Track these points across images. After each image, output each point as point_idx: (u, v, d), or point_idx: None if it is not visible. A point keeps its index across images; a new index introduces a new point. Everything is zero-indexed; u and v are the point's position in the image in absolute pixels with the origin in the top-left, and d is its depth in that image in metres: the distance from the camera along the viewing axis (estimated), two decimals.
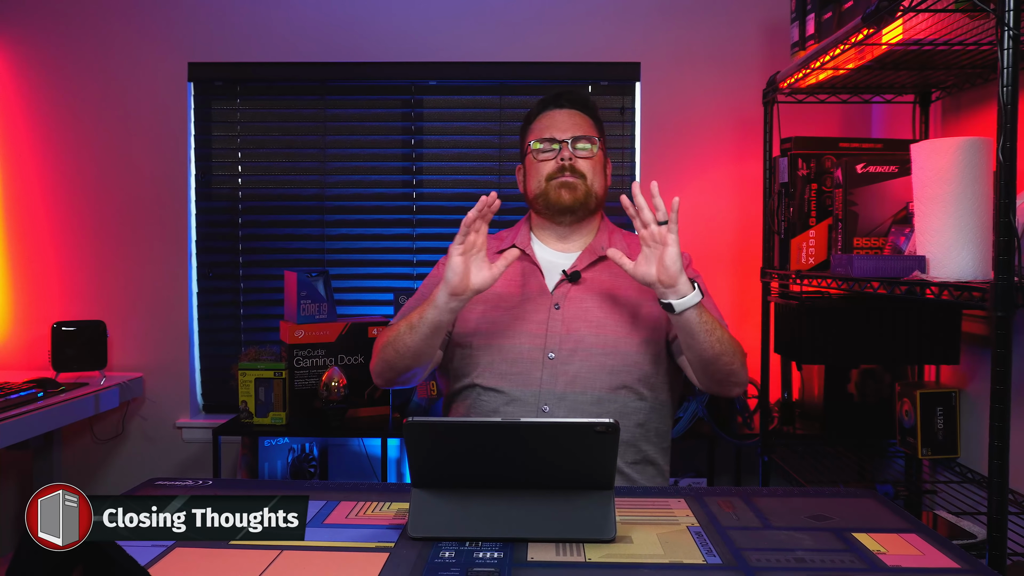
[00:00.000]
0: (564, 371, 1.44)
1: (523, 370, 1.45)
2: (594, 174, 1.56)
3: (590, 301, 1.50)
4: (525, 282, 1.54)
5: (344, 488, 1.26)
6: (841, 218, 1.80)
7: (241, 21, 2.70)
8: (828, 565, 0.95)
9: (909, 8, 1.44)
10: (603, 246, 1.54)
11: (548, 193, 1.53)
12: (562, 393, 1.43)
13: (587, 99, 1.61)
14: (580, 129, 1.55)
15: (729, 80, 2.64)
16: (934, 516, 1.68)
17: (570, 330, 1.47)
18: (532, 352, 1.46)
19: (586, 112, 1.59)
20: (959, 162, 1.35)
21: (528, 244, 1.58)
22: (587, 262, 1.55)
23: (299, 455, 2.58)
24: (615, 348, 1.46)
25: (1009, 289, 1.18)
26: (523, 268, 1.56)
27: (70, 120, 2.74)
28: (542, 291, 1.52)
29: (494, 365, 1.47)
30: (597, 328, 1.47)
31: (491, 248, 1.59)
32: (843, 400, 2.16)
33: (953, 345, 1.93)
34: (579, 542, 1.01)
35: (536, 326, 1.48)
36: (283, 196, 2.81)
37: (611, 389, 1.45)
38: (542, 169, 1.54)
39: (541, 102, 1.61)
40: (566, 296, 1.51)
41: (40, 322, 2.69)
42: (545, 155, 1.54)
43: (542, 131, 1.56)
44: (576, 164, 1.53)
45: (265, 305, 2.82)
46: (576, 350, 1.45)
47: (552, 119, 1.57)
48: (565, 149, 1.52)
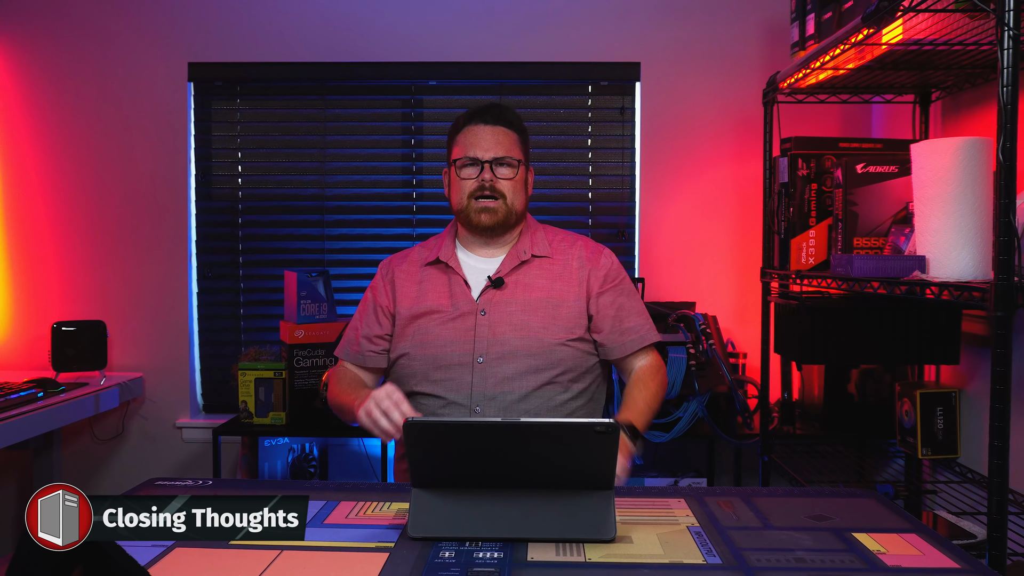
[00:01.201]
0: (493, 374, 1.52)
1: (455, 375, 1.53)
2: (514, 193, 1.60)
3: (514, 305, 1.57)
4: (452, 292, 1.61)
5: (344, 488, 1.26)
6: (841, 218, 1.80)
7: (241, 21, 2.70)
8: (828, 565, 0.95)
9: (909, 8, 1.44)
10: (525, 250, 1.62)
11: (469, 214, 1.59)
12: (492, 394, 1.51)
13: (512, 116, 1.66)
14: (503, 148, 1.60)
15: (729, 80, 2.64)
16: (934, 516, 1.68)
17: (496, 334, 1.54)
18: (463, 358, 1.54)
19: (511, 128, 1.63)
20: (959, 162, 1.35)
21: (453, 254, 1.64)
22: (510, 267, 1.61)
23: (299, 455, 2.58)
24: (539, 348, 1.53)
25: (1009, 289, 1.18)
26: (449, 279, 1.62)
27: (70, 120, 2.74)
28: (468, 300, 1.59)
29: (429, 373, 1.55)
30: (521, 331, 1.54)
31: (419, 259, 1.69)
32: (843, 400, 2.16)
33: (953, 345, 1.93)
34: (579, 542, 1.01)
35: (464, 333, 1.55)
36: (283, 196, 2.81)
37: (537, 386, 1.52)
38: (464, 187, 1.59)
39: (467, 115, 1.66)
40: (491, 302, 1.58)
41: (40, 322, 2.69)
42: (467, 172, 1.59)
43: (466, 147, 1.61)
44: (496, 185, 1.58)
45: (265, 305, 2.82)
46: (503, 354, 1.53)
47: (476, 135, 1.61)
48: (487, 170, 1.58)
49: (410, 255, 1.72)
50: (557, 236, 1.69)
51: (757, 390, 2.26)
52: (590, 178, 2.76)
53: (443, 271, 1.64)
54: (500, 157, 1.59)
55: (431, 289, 1.62)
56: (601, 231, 2.75)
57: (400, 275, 1.67)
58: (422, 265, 1.67)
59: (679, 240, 2.67)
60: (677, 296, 2.65)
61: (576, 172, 2.76)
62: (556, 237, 1.69)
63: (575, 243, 1.67)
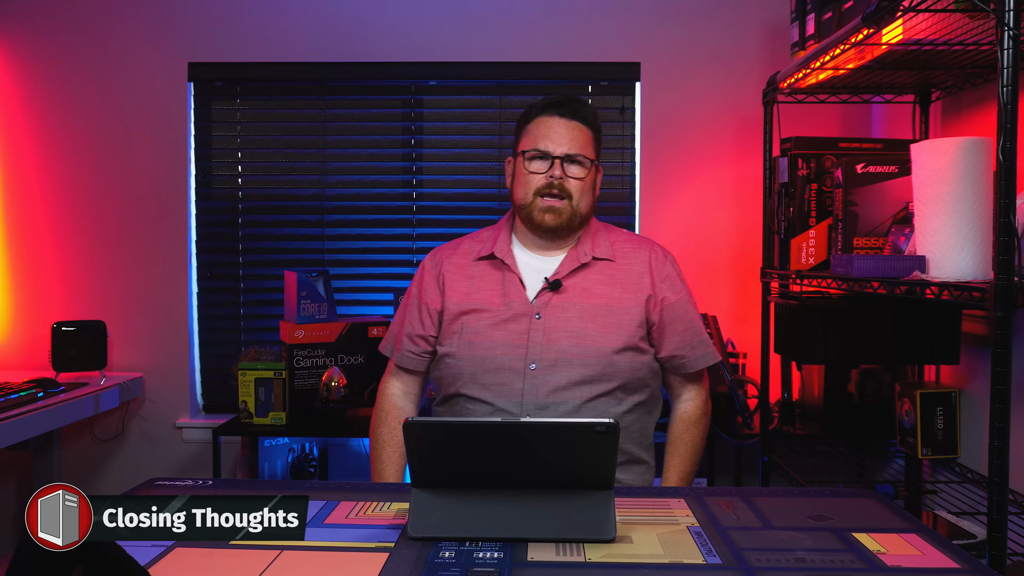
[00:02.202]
0: (545, 381, 1.45)
1: (505, 381, 1.46)
2: (581, 194, 1.52)
3: (571, 310, 1.49)
4: (505, 291, 1.52)
5: (344, 488, 1.26)
6: (841, 218, 1.80)
7: (241, 21, 2.70)
8: (828, 565, 0.95)
9: (909, 8, 1.44)
10: (586, 251, 1.54)
11: (532, 212, 1.52)
12: (544, 403, 1.44)
13: (589, 113, 1.56)
14: (576, 145, 1.51)
15: (729, 80, 2.64)
16: (934, 516, 1.68)
17: (550, 340, 1.47)
18: (514, 363, 1.46)
19: (586, 125, 1.54)
20: (959, 162, 1.35)
21: (508, 250, 1.56)
22: (569, 269, 1.53)
23: (299, 455, 2.58)
24: (596, 358, 1.46)
25: (1009, 289, 1.18)
26: (503, 276, 1.54)
27: (70, 120, 2.74)
28: (523, 301, 1.51)
29: (477, 376, 1.48)
30: (577, 338, 1.47)
31: (470, 252, 1.59)
32: (843, 400, 2.16)
33: (953, 345, 1.93)
34: (579, 542, 1.01)
35: (517, 336, 1.48)
36: (283, 196, 2.81)
37: (591, 397, 1.45)
38: (531, 181, 1.51)
39: (542, 104, 1.56)
40: (547, 305, 1.50)
41: (40, 322, 2.69)
42: (536, 166, 1.51)
43: (537, 139, 1.52)
44: (565, 184, 1.50)
45: (265, 305, 2.82)
46: (557, 361, 1.46)
47: (550, 127, 1.52)
48: (557, 167, 1.49)
49: (460, 247, 1.62)
50: (620, 238, 1.61)
51: (757, 390, 2.26)
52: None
53: (497, 267, 1.55)
54: (572, 154, 1.50)
55: (483, 286, 1.53)
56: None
57: (449, 269, 1.58)
58: (474, 259, 1.57)
59: (679, 240, 2.67)
60: None
61: None
62: (619, 239, 1.61)
63: (641, 246, 1.60)
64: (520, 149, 1.55)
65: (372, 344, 2.49)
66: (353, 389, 2.47)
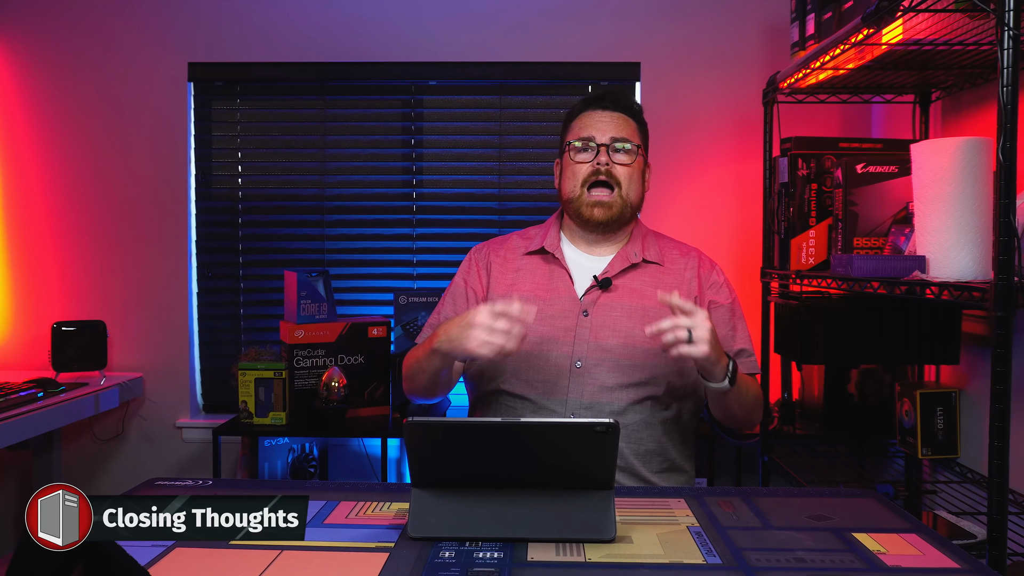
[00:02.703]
0: (591, 380, 1.42)
1: (550, 378, 1.43)
2: (630, 182, 1.50)
3: (619, 310, 1.47)
4: (553, 286, 1.50)
5: (344, 488, 1.26)
6: (841, 218, 1.80)
7: (241, 21, 2.70)
8: (828, 565, 0.95)
9: (909, 8, 1.44)
10: (636, 252, 1.53)
11: (581, 207, 1.49)
12: (589, 403, 1.41)
13: (632, 102, 1.56)
14: (621, 131, 1.50)
15: (729, 80, 2.64)
16: (934, 516, 1.68)
17: (598, 339, 1.44)
18: (559, 360, 1.43)
19: (629, 115, 1.54)
20: (959, 162, 1.35)
21: (558, 246, 1.54)
22: (619, 268, 1.51)
23: (299, 455, 2.58)
24: (643, 360, 1.44)
25: (1009, 289, 1.18)
26: (551, 271, 1.52)
27: (70, 120, 2.74)
28: (571, 297, 1.49)
29: (520, 372, 1.44)
30: (625, 338, 1.44)
31: (518, 248, 1.58)
32: (843, 400, 2.16)
33: (953, 345, 1.93)
34: (579, 542, 1.01)
35: (564, 333, 1.45)
36: (283, 196, 2.81)
37: (638, 399, 1.43)
38: (578, 172, 1.50)
39: (583, 101, 1.56)
40: (595, 303, 1.48)
41: (40, 322, 2.69)
42: (582, 156, 1.50)
43: (581, 130, 1.51)
44: (612, 170, 1.48)
45: (265, 305, 2.82)
46: (604, 360, 1.43)
47: (593, 119, 1.52)
48: (603, 153, 1.48)
49: (508, 242, 1.60)
50: (669, 244, 1.60)
51: None
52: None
53: (546, 262, 1.53)
54: (617, 139, 1.48)
55: (529, 279, 1.51)
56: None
57: (497, 261, 1.56)
58: (522, 254, 1.55)
59: (679, 240, 2.67)
60: None
61: None
62: (668, 244, 1.60)
63: (689, 253, 1.59)
64: (565, 141, 1.55)
65: (372, 344, 2.49)
66: (353, 389, 2.47)
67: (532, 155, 2.76)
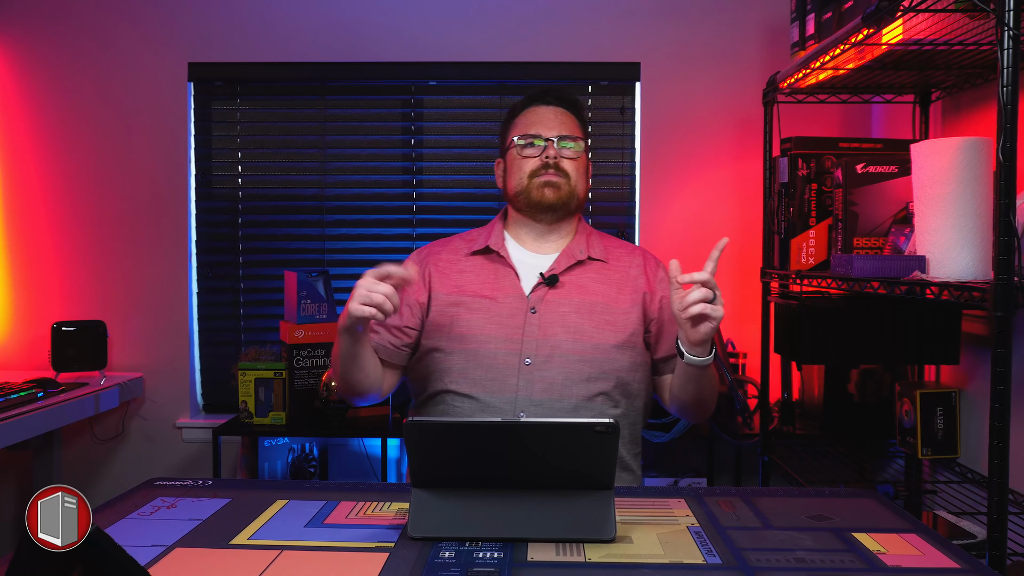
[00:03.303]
0: (541, 377, 1.41)
1: (498, 376, 1.41)
2: (577, 175, 1.51)
3: (567, 306, 1.46)
4: (500, 285, 1.49)
5: (344, 488, 1.26)
6: (841, 218, 1.80)
7: (241, 21, 2.71)
8: (828, 565, 0.95)
9: (909, 8, 1.44)
10: (581, 250, 1.52)
11: (531, 191, 1.49)
12: (539, 400, 1.40)
13: (575, 99, 1.57)
14: (567, 128, 1.51)
15: (729, 80, 2.64)
16: (934, 516, 1.68)
17: (547, 335, 1.43)
18: (508, 358, 1.42)
19: (573, 112, 1.55)
20: (959, 162, 1.35)
21: (502, 244, 1.53)
22: (565, 265, 1.50)
23: (299, 455, 2.58)
24: (593, 355, 1.43)
25: (1009, 289, 1.18)
26: (497, 270, 1.51)
27: (70, 120, 2.74)
28: (518, 295, 1.48)
29: (468, 371, 1.42)
30: (575, 334, 1.44)
31: (461, 249, 1.56)
32: (843, 400, 2.16)
33: (953, 345, 1.93)
34: (579, 542, 1.01)
35: (512, 331, 1.44)
36: (283, 196, 2.81)
37: (588, 396, 1.42)
38: (525, 166, 1.50)
39: (528, 97, 1.56)
40: (543, 300, 1.47)
41: (40, 322, 2.69)
42: (529, 152, 1.50)
43: (527, 127, 1.52)
44: (561, 163, 1.49)
45: (265, 305, 2.82)
46: (553, 356, 1.42)
47: (538, 115, 1.53)
48: (551, 147, 1.48)
49: (450, 244, 1.59)
50: (613, 243, 1.60)
51: (757, 390, 2.26)
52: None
53: (491, 261, 1.52)
54: (565, 135, 1.50)
55: (475, 279, 1.50)
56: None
57: (438, 263, 1.54)
58: (465, 255, 1.54)
59: (679, 240, 2.67)
60: None
61: None
62: (612, 243, 1.60)
63: (633, 252, 1.59)
64: (509, 141, 1.55)
65: None
66: None
67: None
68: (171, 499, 1.20)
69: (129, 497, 1.21)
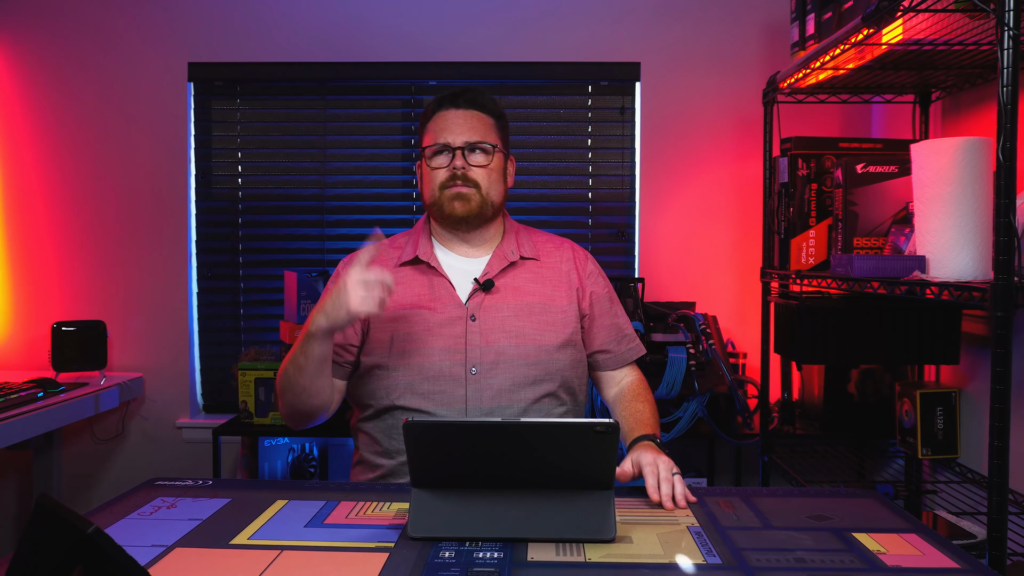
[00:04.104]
0: (488, 385, 1.40)
1: (446, 388, 1.40)
2: (489, 182, 1.47)
3: (506, 310, 1.45)
4: (436, 295, 1.46)
5: (344, 488, 1.26)
6: (841, 218, 1.80)
7: (241, 21, 2.71)
8: (828, 565, 0.95)
9: (909, 8, 1.44)
10: (513, 250, 1.50)
11: (442, 204, 1.46)
12: (488, 408, 1.40)
13: (486, 99, 1.52)
14: (476, 133, 1.46)
15: (729, 80, 2.64)
16: (934, 516, 1.68)
17: (489, 342, 1.42)
18: (453, 368, 1.40)
19: (484, 111, 1.50)
20: (959, 162, 1.35)
21: (431, 253, 1.50)
22: (498, 268, 1.48)
23: (299, 455, 2.58)
24: (536, 357, 1.43)
25: (1009, 289, 1.18)
26: (431, 281, 1.47)
27: (70, 120, 2.74)
28: (455, 303, 1.45)
29: (415, 385, 1.40)
30: (516, 338, 1.43)
31: (389, 257, 1.53)
32: (843, 400, 2.16)
33: (953, 345, 1.93)
34: (579, 542, 1.02)
35: (454, 340, 1.42)
36: (283, 196, 2.81)
37: (536, 399, 1.42)
38: (435, 177, 1.46)
39: (436, 100, 1.51)
40: (481, 306, 1.45)
41: (40, 322, 2.69)
42: (438, 160, 1.46)
43: (436, 134, 1.47)
44: (469, 173, 1.45)
45: (265, 305, 2.82)
46: (498, 362, 1.41)
47: (447, 120, 1.47)
48: (458, 157, 1.44)
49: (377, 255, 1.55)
50: (541, 237, 1.59)
51: (757, 390, 2.26)
52: (590, 178, 2.76)
53: (422, 272, 1.49)
54: (473, 142, 1.45)
55: (410, 291, 1.47)
56: (601, 231, 2.75)
57: None
58: (396, 265, 1.50)
59: (679, 240, 2.67)
60: (677, 296, 2.65)
61: (576, 172, 2.76)
62: (540, 238, 1.58)
63: (561, 245, 1.58)
64: (422, 148, 1.51)
65: None
66: None
67: (533, 155, 2.76)
68: (171, 499, 1.20)
69: (129, 497, 1.21)
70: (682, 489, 1.19)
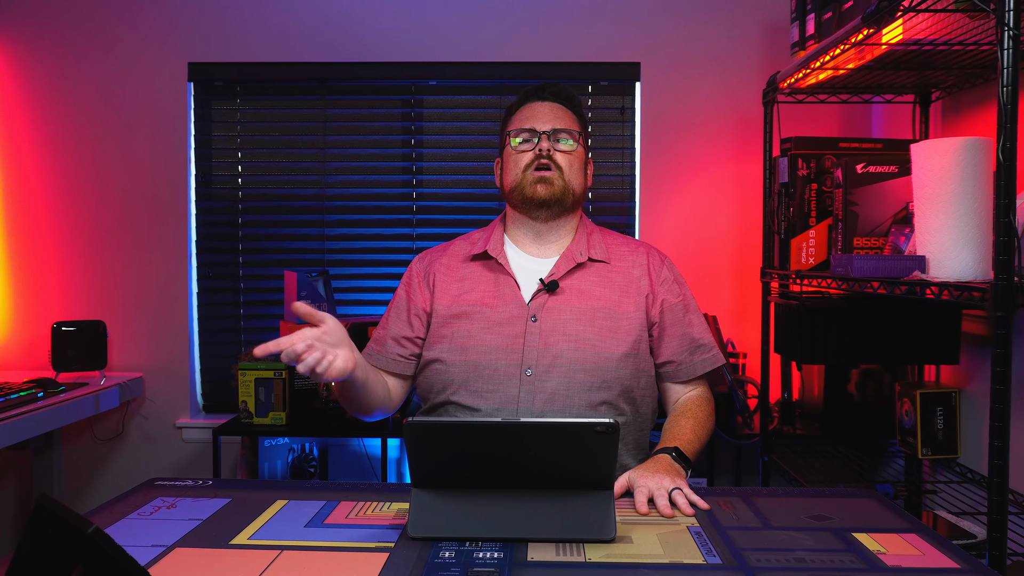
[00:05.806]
0: (542, 388, 1.38)
1: (499, 387, 1.38)
2: (572, 169, 1.47)
3: (568, 312, 1.42)
4: (500, 293, 1.45)
5: (344, 488, 1.26)
6: (841, 218, 1.80)
7: (241, 21, 2.71)
8: (828, 565, 0.95)
9: (909, 8, 1.44)
10: (581, 251, 1.49)
11: (524, 187, 1.46)
12: (540, 412, 1.37)
13: (572, 94, 1.54)
14: (561, 122, 1.48)
15: (729, 80, 2.64)
16: (934, 516, 1.68)
17: (548, 344, 1.39)
18: (509, 368, 1.39)
19: (569, 107, 1.52)
20: (959, 162, 1.35)
21: (501, 250, 1.49)
22: (565, 269, 1.46)
23: (299, 455, 2.58)
24: (595, 364, 1.39)
25: (1009, 289, 1.18)
26: (497, 278, 1.47)
27: (70, 120, 2.74)
28: (518, 302, 1.44)
29: (469, 383, 1.40)
30: (576, 342, 1.39)
31: (461, 252, 1.54)
32: (843, 400, 2.16)
33: (953, 345, 1.93)
34: (579, 542, 1.01)
35: (512, 340, 1.40)
36: (283, 196, 2.81)
37: (591, 406, 1.38)
38: (519, 160, 1.47)
39: (524, 93, 1.54)
40: (543, 307, 1.43)
41: (40, 322, 2.69)
42: (523, 146, 1.47)
43: (522, 122, 1.49)
44: (554, 156, 1.45)
45: (265, 305, 2.82)
46: (554, 366, 1.38)
47: (533, 111, 1.50)
48: (544, 140, 1.45)
49: (450, 248, 1.56)
50: (616, 240, 1.55)
51: (757, 390, 2.26)
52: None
53: (490, 268, 1.48)
54: (559, 128, 1.47)
55: (475, 287, 1.46)
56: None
57: (440, 270, 1.51)
58: (465, 260, 1.51)
59: (679, 240, 2.67)
60: None
61: None
62: (615, 241, 1.55)
63: (636, 249, 1.53)
64: (505, 134, 1.52)
65: None
66: None
67: None
68: (171, 499, 1.20)
69: (129, 497, 1.21)
70: (683, 500, 1.16)
